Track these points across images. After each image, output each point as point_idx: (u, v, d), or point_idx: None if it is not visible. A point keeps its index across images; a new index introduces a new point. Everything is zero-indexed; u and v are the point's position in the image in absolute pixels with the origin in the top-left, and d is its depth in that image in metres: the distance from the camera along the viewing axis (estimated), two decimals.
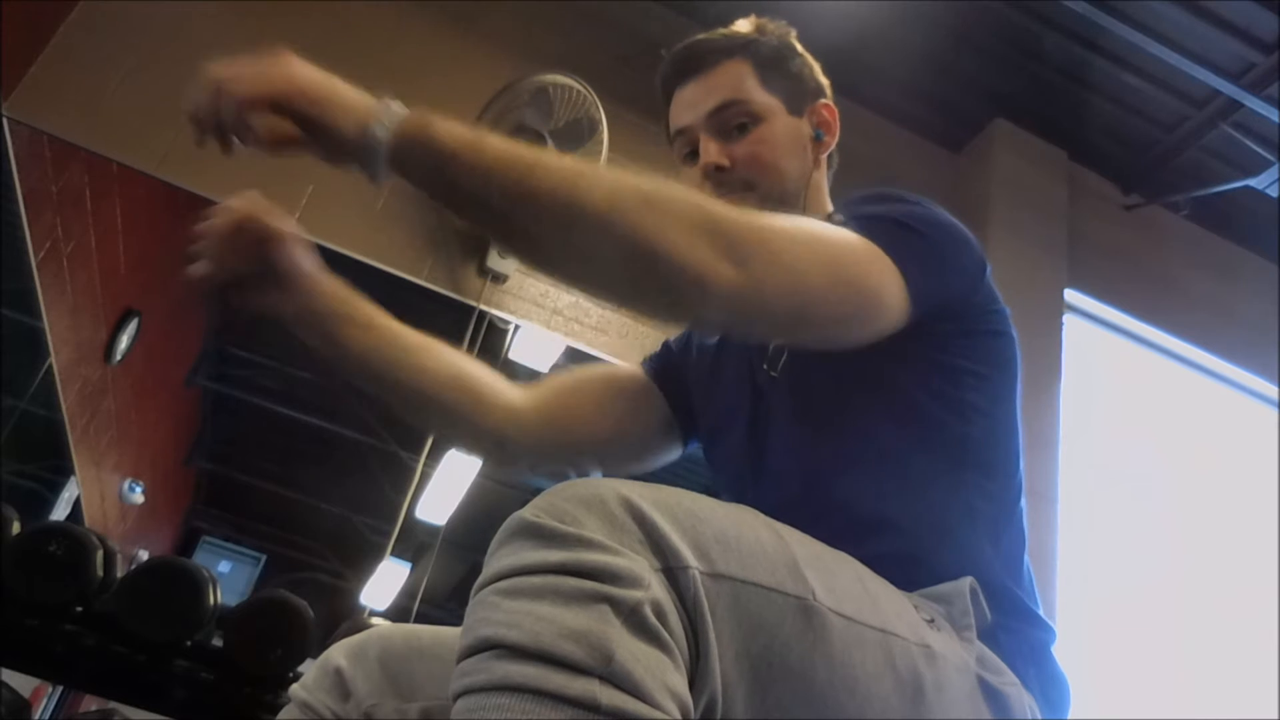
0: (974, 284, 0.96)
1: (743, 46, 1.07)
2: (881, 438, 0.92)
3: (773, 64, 1.07)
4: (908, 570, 0.80)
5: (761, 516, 0.70)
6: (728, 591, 0.62)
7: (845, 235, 0.85)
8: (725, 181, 1.03)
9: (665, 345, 1.20)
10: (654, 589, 0.57)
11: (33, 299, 3.21)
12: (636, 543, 0.59)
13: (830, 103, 1.12)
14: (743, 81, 1.05)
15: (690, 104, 1.06)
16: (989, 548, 0.91)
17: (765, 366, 1.00)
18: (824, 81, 1.13)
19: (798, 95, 1.08)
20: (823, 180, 1.12)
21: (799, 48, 1.12)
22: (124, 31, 2.59)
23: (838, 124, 1.11)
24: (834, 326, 0.85)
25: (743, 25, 1.10)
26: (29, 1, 2.38)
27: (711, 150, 1.04)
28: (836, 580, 0.70)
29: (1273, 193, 3.28)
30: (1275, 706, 2.95)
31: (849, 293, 0.83)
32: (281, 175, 2.62)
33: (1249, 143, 3.17)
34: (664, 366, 1.17)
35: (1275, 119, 2.98)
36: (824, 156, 1.11)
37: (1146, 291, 3.44)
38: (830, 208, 1.11)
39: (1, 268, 3.12)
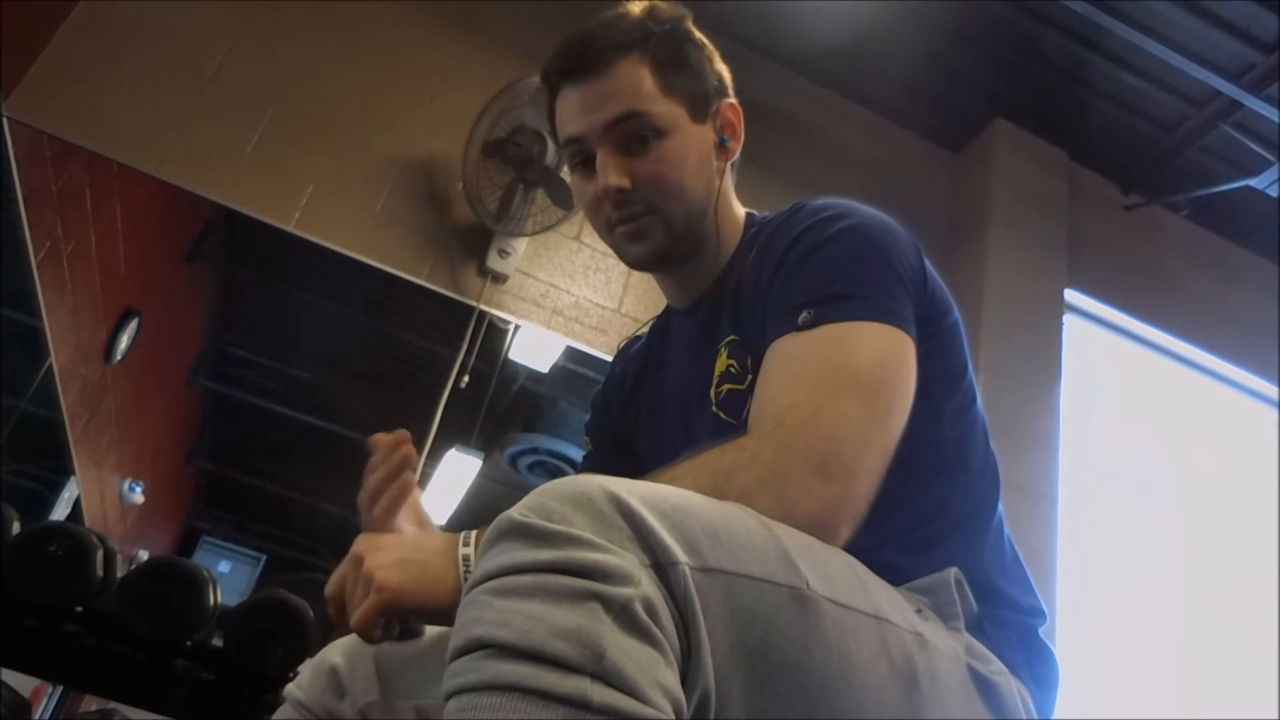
0: (923, 276, 0.94)
1: (640, 41, 0.98)
2: None
3: (673, 62, 0.99)
4: (894, 573, 0.81)
5: (749, 510, 0.70)
6: (719, 585, 0.62)
7: (847, 351, 0.83)
8: (626, 203, 0.98)
9: (601, 402, 1.21)
10: (644, 585, 0.57)
11: (33, 299, 3.21)
12: (626, 539, 0.59)
13: (734, 100, 1.05)
14: (642, 87, 0.97)
15: (583, 109, 0.98)
16: (973, 540, 0.92)
17: (721, 413, 0.97)
18: (724, 72, 1.06)
19: (701, 98, 1.01)
20: (729, 187, 1.06)
21: (696, 33, 1.04)
22: (124, 31, 2.59)
23: (742, 124, 1.05)
24: (905, 413, 0.84)
25: (634, 7, 1.02)
26: (29, 1, 2.38)
27: (611, 170, 0.97)
28: (829, 568, 0.70)
29: (1273, 193, 3.27)
30: (1275, 707, 2.95)
31: (897, 397, 0.83)
32: (281, 175, 2.62)
33: (1249, 143, 3.16)
34: (605, 428, 1.19)
35: (1275, 119, 2.97)
36: (730, 164, 1.05)
37: (1146, 291, 3.43)
38: (740, 214, 1.08)
39: (1, 268, 3.12)
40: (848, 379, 0.81)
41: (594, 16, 1.01)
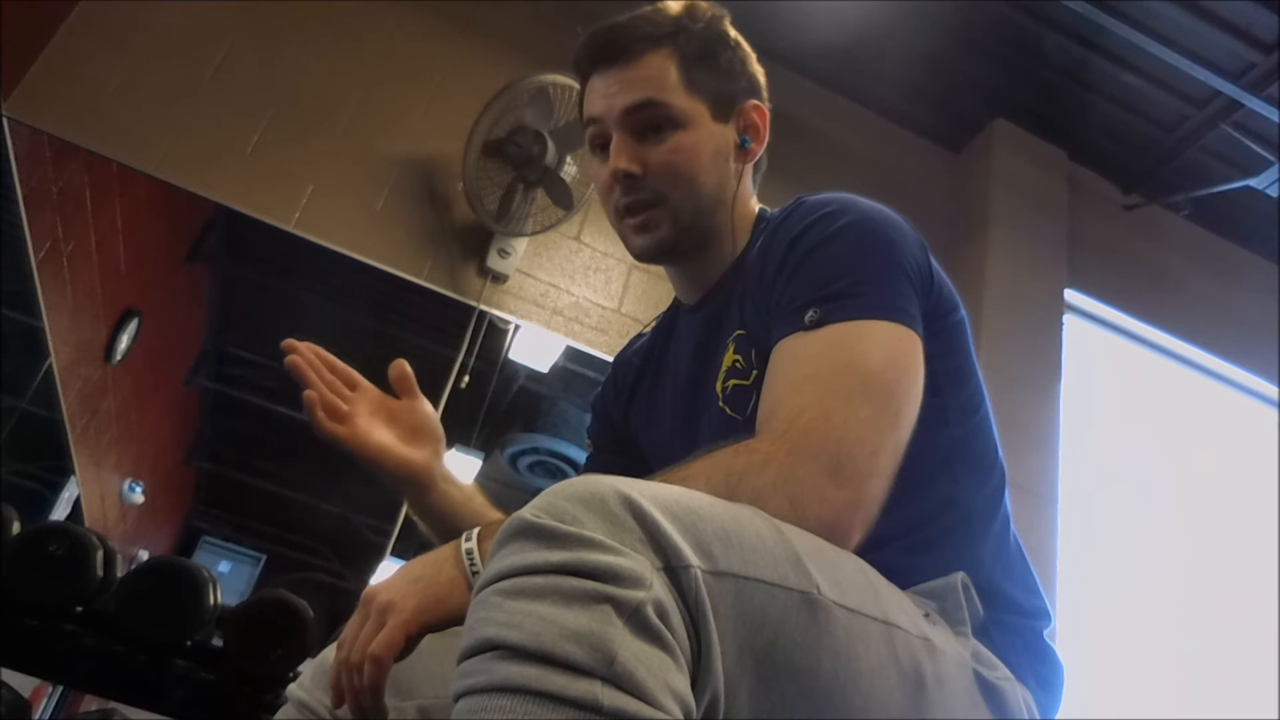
0: (929, 272, 0.94)
1: (670, 36, 1.00)
2: None
3: (701, 59, 1.00)
4: (899, 575, 0.80)
5: (760, 512, 0.69)
6: (730, 589, 0.62)
7: (856, 351, 0.82)
8: (634, 189, 0.99)
9: (600, 404, 1.21)
10: (656, 589, 0.57)
11: (33, 299, 3.21)
12: (637, 542, 0.59)
13: (761, 103, 1.05)
14: (666, 80, 0.99)
15: (607, 93, 1.00)
16: (979, 541, 0.92)
17: (727, 409, 0.96)
18: (758, 75, 1.07)
19: (725, 98, 1.02)
20: (748, 188, 1.07)
21: (732, 35, 1.05)
22: (124, 31, 2.59)
23: (767, 127, 1.06)
24: (915, 412, 0.84)
25: (673, 5, 1.03)
26: (29, 1, 2.38)
27: (623, 154, 0.98)
28: (839, 572, 0.70)
29: (1273, 193, 3.27)
30: (1275, 707, 2.95)
31: (907, 397, 0.83)
32: (281, 175, 2.62)
33: (1249, 143, 3.16)
34: (605, 429, 1.20)
35: (1275, 119, 2.97)
36: (750, 165, 1.05)
37: (1146, 291, 3.44)
38: (754, 211, 1.08)
39: (1, 268, 3.12)
40: (858, 380, 0.80)
41: (631, 10, 1.04)
